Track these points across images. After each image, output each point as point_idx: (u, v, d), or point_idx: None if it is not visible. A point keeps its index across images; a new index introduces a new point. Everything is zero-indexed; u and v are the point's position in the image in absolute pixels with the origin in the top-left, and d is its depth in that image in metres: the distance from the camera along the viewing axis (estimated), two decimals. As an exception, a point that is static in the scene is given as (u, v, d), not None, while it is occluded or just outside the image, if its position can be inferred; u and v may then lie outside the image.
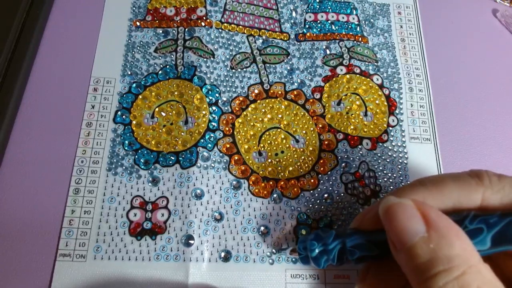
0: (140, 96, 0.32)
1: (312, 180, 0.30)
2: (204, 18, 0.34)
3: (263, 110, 0.32)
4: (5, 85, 0.30)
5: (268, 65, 0.33)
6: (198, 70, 0.32)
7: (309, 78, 0.33)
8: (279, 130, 0.31)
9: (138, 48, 0.33)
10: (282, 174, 0.30)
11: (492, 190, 0.20)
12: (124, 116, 0.31)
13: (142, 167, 0.29)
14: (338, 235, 0.23)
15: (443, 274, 0.17)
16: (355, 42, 0.35)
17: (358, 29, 0.36)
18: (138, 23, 0.34)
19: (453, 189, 0.21)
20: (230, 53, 0.33)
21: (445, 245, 0.18)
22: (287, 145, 0.31)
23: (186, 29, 0.34)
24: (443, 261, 0.17)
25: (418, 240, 0.18)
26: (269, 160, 0.30)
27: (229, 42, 0.34)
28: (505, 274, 0.21)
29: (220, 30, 0.34)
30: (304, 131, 0.31)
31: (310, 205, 0.29)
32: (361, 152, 0.31)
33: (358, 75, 0.33)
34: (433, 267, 0.17)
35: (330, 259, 0.23)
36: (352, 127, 0.32)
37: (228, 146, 0.30)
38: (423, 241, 0.18)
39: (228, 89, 0.32)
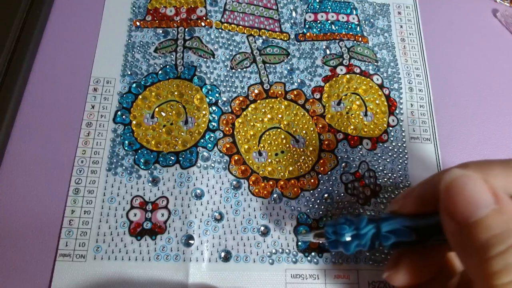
0: (140, 96, 0.32)
1: (312, 180, 0.30)
2: (204, 18, 0.34)
3: (263, 110, 0.32)
4: (5, 85, 0.30)
5: (268, 65, 0.33)
6: (198, 70, 0.32)
7: (309, 78, 0.33)
8: (279, 130, 0.31)
9: (138, 48, 0.33)
10: (282, 174, 0.30)
11: None
12: (124, 116, 0.31)
13: (142, 167, 0.29)
14: (371, 220, 0.21)
15: None
16: (355, 42, 0.35)
17: (358, 29, 0.36)
18: (138, 23, 0.34)
19: (500, 173, 0.19)
20: (230, 53, 0.33)
21: None
22: (287, 145, 0.31)
23: (186, 29, 0.34)
24: None
25: (490, 211, 0.17)
26: (269, 160, 0.30)
27: (229, 42, 0.34)
28: None
29: (220, 30, 0.34)
30: (304, 131, 0.31)
31: (310, 205, 0.29)
32: (361, 152, 0.31)
33: (358, 75, 0.33)
34: (507, 239, 0.16)
35: (362, 245, 0.21)
36: (352, 127, 0.32)
37: (228, 146, 0.30)
38: (496, 212, 0.17)
39: (228, 89, 0.32)
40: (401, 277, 0.22)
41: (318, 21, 0.35)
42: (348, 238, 0.21)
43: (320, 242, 0.24)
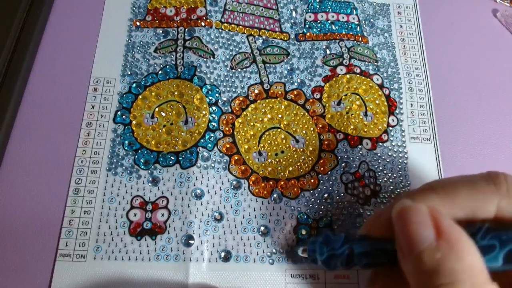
0: (140, 96, 0.32)
1: (312, 180, 0.30)
2: (204, 18, 0.34)
3: (263, 110, 0.32)
4: (5, 85, 0.30)
5: (268, 65, 0.33)
6: (198, 70, 0.32)
7: (309, 78, 0.33)
8: (279, 130, 0.31)
9: (138, 48, 0.33)
10: (282, 174, 0.30)
11: (510, 200, 0.19)
12: (124, 116, 0.31)
13: (142, 167, 0.29)
14: (347, 239, 0.22)
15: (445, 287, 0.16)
16: (355, 42, 0.35)
17: (358, 29, 0.36)
18: (138, 23, 0.34)
19: (466, 198, 0.19)
20: (230, 53, 0.33)
21: (453, 257, 0.17)
22: (287, 145, 0.31)
23: (186, 29, 0.34)
24: (447, 274, 0.16)
25: (425, 248, 0.17)
26: (269, 160, 0.30)
27: (229, 42, 0.34)
28: None
29: (220, 30, 0.34)
30: (304, 131, 0.31)
31: (310, 205, 0.29)
32: (361, 152, 0.31)
33: (358, 75, 0.33)
34: (437, 278, 0.17)
35: (339, 264, 0.22)
36: (352, 127, 0.32)
37: (228, 146, 0.30)
38: (430, 249, 0.17)
39: (228, 89, 0.32)
40: None
41: (318, 21, 0.35)
42: (322, 258, 0.23)
43: (306, 257, 0.25)
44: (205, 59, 0.33)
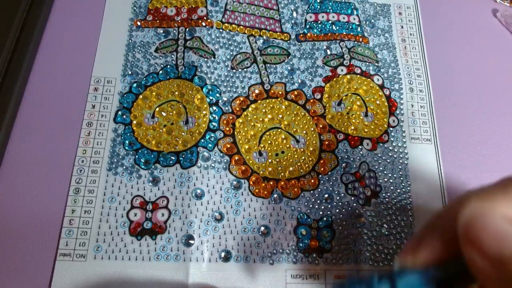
0: (141, 96, 0.32)
1: (312, 180, 0.30)
2: (205, 18, 0.34)
3: (264, 110, 0.32)
4: (5, 85, 0.30)
5: (268, 65, 0.33)
6: (199, 70, 0.32)
7: (310, 78, 0.33)
8: (279, 130, 0.31)
9: (139, 48, 0.33)
10: (282, 174, 0.30)
11: None
12: (124, 116, 0.31)
13: (143, 167, 0.29)
14: (381, 276, 0.20)
15: None
16: (355, 42, 0.35)
17: (358, 29, 0.36)
18: (138, 23, 0.34)
19: (503, 203, 0.17)
20: (231, 53, 0.33)
21: None
22: (288, 145, 0.31)
23: (187, 29, 0.34)
24: None
25: None
26: (270, 160, 0.30)
27: (229, 42, 0.34)
28: None
29: (221, 30, 0.34)
30: (304, 131, 0.31)
31: (310, 205, 0.29)
32: (361, 153, 0.31)
33: (358, 76, 0.33)
34: None
35: None
36: (352, 127, 0.32)
37: (228, 146, 0.30)
38: None
39: (229, 89, 0.32)
40: None
41: (319, 22, 0.35)
42: None
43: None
44: (205, 59, 0.33)
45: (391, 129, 0.32)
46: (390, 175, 0.31)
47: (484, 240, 0.17)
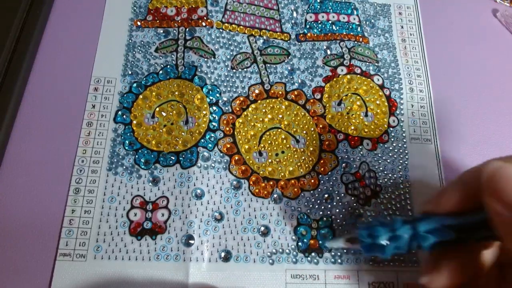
0: (141, 96, 0.32)
1: (312, 180, 0.30)
2: (205, 18, 0.34)
3: (264, 110, 0.32)
4: (5, 85, 0.30)
5: (268, 65, 0.33)
6: (199, 70, 0.32)
7: (310, 78, 0.33)
8: (279, 130, 0.31)
9: (139, 48, 0.33)
10: (282, 174, 0.30)
11: None
12: (124, 116, 0.31)
13: (143, 167, 0.29)
14: (405, 221, 0.21)
15: None
16: (355, 42, 0.35)
17: (359, 29, 0.36)
18: (139, 23, 0.34)
19: None
20: (231, 53, 0.33)
21: None
22: (288, 145, 0.31)
23: (187, 29, 0.34)
24: None
25: None
26: (270, 160, 0.30)
27: (230, 42, 0.34)
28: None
29: (221, 30, 0.34)
30: (304, 131, 0.31)
31: (311, 205, 0.29)
32: (361, 153, 0.31)
33: (358, 76, 0.33)
34: None
35: (399, 247, 0.20)
36: (352, 127, 0.32)
37: (228, 146, 0.30)
38: None
39: (229, 89, 0.32)
40: (444, 279, 0.21)
41: (319, 22, 0.35)
42: (385, 241, 0.21)
43: (352, 247, 0.23)
44: (205, 59, 0.33)
45: (391, 129, 0.32)
46: (390, 175, 0.31)
47: (505, 189, 0.18)
